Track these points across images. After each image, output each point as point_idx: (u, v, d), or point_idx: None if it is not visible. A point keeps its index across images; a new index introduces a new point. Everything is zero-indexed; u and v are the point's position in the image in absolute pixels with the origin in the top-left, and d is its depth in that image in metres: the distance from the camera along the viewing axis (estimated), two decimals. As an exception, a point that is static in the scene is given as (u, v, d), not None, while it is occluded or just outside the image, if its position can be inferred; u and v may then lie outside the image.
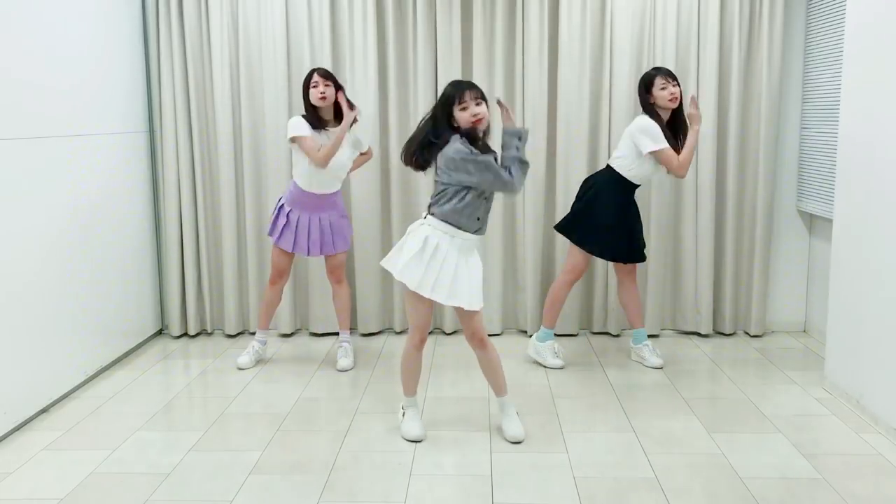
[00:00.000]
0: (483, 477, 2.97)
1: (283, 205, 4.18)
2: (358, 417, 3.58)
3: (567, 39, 4.59)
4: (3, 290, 3.38)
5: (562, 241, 4.74)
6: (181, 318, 4.90)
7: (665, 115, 3.97)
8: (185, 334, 4.94)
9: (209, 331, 4.96)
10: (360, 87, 4.66)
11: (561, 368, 4.22)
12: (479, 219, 3.17)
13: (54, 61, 3.81)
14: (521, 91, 4.66)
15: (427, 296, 3.11)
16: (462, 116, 3.08)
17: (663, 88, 3.90)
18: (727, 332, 4.83)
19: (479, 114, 3.07)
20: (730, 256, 4.75)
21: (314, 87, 3.99)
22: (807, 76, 4.68)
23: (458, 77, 4.65)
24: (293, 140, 3.99)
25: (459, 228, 3.13)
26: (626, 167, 4.00)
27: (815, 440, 3.30)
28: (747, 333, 4.85)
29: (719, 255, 4.79)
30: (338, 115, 4.08)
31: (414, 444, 3.27)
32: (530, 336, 4.83)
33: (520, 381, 4.03)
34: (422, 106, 4.66)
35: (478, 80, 4.63)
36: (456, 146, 3.06)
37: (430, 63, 4.66)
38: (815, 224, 4.74)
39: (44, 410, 3.68)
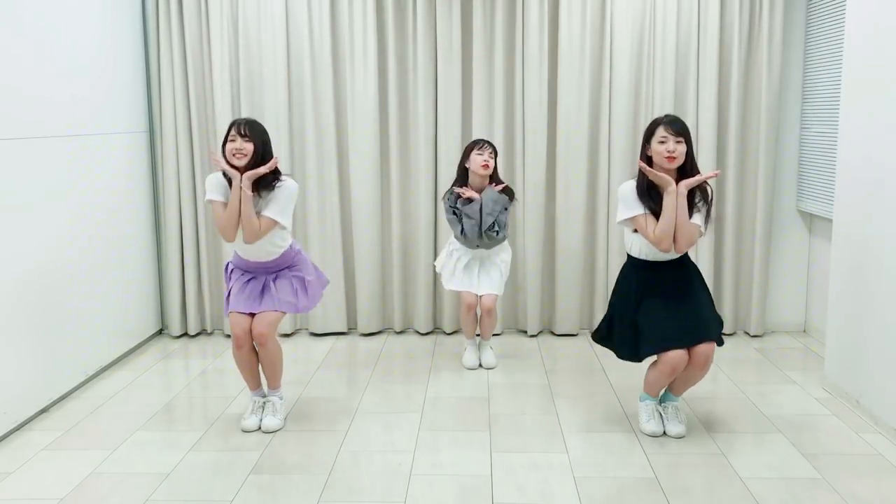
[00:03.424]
0: (483, 477, 2.97)
1: (230, 268, 3.55)
2: (358, 417, 3.58)
3: (567, 40, 4.58)
4: (3, 290, 3.38)
5: (561, 242, 4.75)
6: (181, 318, 4.90)
7: (668, 174, 3.14)
8: (185, 334, 4.94)
9: (209, 331, 4.96)
10: (360, 88, 4.66)
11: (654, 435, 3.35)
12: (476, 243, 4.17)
13: (54, 61, 3.81)
14: (521, 92, 4.66)
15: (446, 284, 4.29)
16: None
17: (661, 142, 3.11)
18: (727, 332, 4.82)
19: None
20: (730, 256, 4.75)
21: (231, 141, 3.31)
22: (807, 76, 4.68)
23: (458, 77, 4.66)
24: (209, 202, 3.40)
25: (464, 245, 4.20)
26: (626, 242, 3.37)
27: (815, 440, 3.30)
28: (747, 333, 4.85)
29: (719, 255, 4.79)
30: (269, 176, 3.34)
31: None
32: (530, 336, 4.84)
33: (520, 381, 4.03)
34: (422, 106, 4.66)
35: (478, 80, 4.65)
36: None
37: (430, 63, 4.66)
38: (815, 224, 4.74)
39: (44, 410, 3.67)
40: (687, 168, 3.17)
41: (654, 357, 3.29)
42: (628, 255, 3.37)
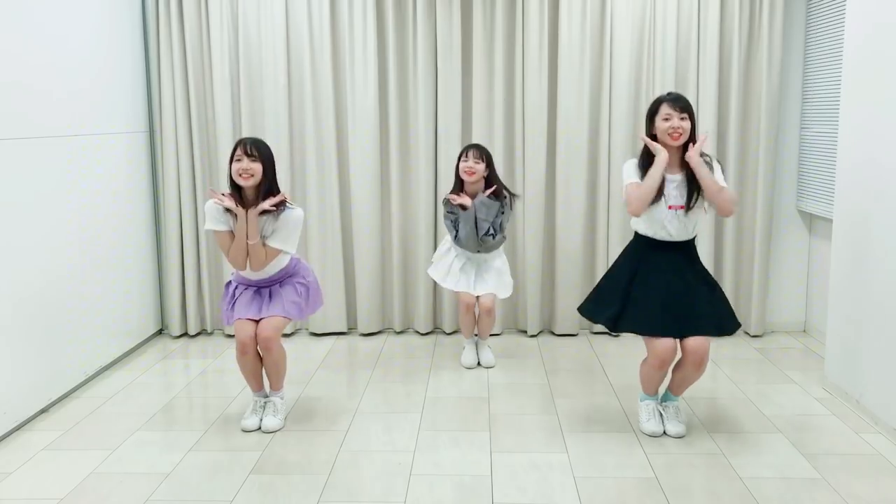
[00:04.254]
0: (483, 477, 2.97)
1: (230, 283, 3.57)
2: (358, 417, 3.58)
3: (567, 40, 4.58)
4: (3, 291, 3.38)
5: (561, 242, 4.74)
6: (181, 318, 4.90)
7: (671, 151, 3.19)
8: (185, 334, 4.94)
9: (209, 331, 4.96)
10: (360, 88, 4.66)
11: (654, 435, 3.33)
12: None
13: (54, 61, 3.80)
14: (521, 92, 4.65)
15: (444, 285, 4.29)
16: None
17: (666, 119, 3.15)
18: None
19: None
20: (730, 256, 4.75)
21: (237, 161, 3.30)
22: (807, 76, 4.68)
23: (458, 77, 4.66)
24: (212, 232, 3.44)
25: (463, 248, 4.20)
26: (632, 221, 3.36)
27: (815, 440, 3.30)
28: (747, 333, 4.85)
29: (719, 255, 4.79)
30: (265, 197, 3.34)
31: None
32: (530, 336, 4.84)
33: (520, 381, 4.04)
34: (422, 107, 4.66)
35: (478, 80, 4.65)
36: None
37: (430, 63, 4.66)
38: (815, 224, 4.74)
39: (44, 410, 3.68)
40: (691, 144, 3.19)
41: (643, 355, 3.32)
42: (634, 234, 3.35)
